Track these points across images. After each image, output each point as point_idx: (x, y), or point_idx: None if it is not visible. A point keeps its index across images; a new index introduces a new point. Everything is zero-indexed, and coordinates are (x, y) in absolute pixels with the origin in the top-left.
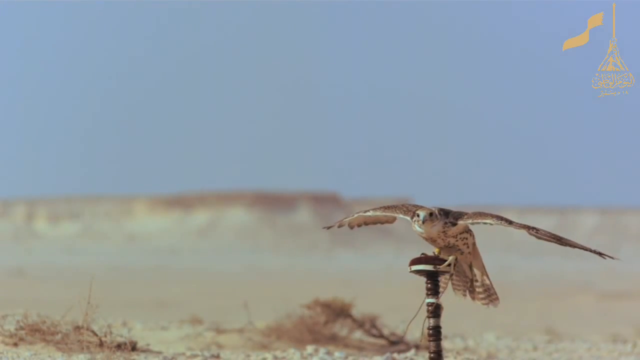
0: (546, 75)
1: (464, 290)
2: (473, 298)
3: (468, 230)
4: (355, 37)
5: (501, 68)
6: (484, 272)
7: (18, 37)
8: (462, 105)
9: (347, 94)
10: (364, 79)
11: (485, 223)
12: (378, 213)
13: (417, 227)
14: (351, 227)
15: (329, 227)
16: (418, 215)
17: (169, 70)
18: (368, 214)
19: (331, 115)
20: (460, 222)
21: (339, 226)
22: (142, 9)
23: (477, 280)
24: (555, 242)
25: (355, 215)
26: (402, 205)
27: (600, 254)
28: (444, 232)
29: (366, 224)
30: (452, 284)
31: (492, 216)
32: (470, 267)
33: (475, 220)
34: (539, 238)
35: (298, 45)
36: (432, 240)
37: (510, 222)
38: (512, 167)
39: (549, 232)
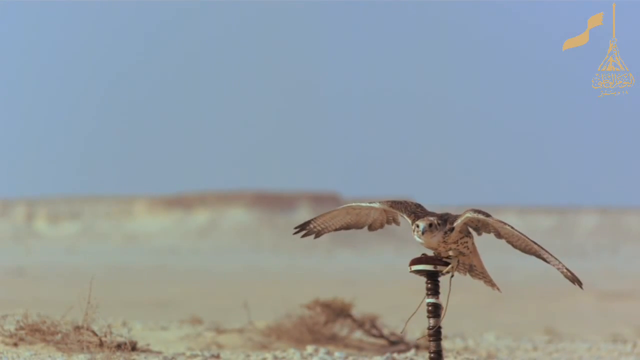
0: (546, 75)
1: (465, 272)
2: (474, 277)
3: (468, 234)
4: (355, 37)
5: (501, 68)
6: (482, 266)
7: (18, 37)
8: (462, 105)
9: (347, 94)
10: (364, 79)
11: (466, 217)
12: (385, 207)
13: (416, 237)
14: (317, 236)
15: (299, 230)
16: (418, 226)
17: (169, 70)
18: (375, 205)
19: (331, 115)
20: (455, 225)
21: (306, 233)
22: (142, 9)
23: (476, 268)
24: (526, 248)
25: (352, 204)
26: (407, 203)
27: (571, 279)
28: (444, 242)
29: (337, 228)
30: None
31: (473, 210)
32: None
33: (462, 219)
34: (512, 243)
35: (298, 45)
36: (433, 249)
37: (487, 215)
38: (512, 167)
39: (525, 235)
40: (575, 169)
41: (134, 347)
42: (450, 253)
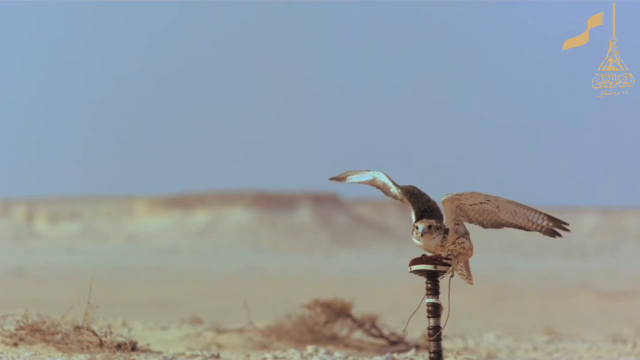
0: (546, 75)
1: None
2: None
3: (464, 235)
4: (355, 37)
5: (501, 68)
6: (467, 261)
7: (18, 37)
8: (462, 105)
9: (347, 94)
10: (364, 79)
11: (443, 201)
12: (405, 198)
13: (415, 240)
14: (342, 181)
15: (337, 179)
16: (417, 228)
17: (169, 70)
18: (394, 191)
19: (331, 115)
20: (446, 224)
21: (337, 179)
22: (142, 10)
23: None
24: (497, 222)
25: (378, 177)
26: (420, 198)
27: (551, 232)
28: (442, 246)
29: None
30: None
31: (445, 195)
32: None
33: (445, 212)
34: (483, 222)
35: (298, 45)
36: (431, 252)
37: (461, 194)
38: (512, 167)
39: (499, 198)
40: (575, 169)
41: (134, 347)
42: (448, 254)
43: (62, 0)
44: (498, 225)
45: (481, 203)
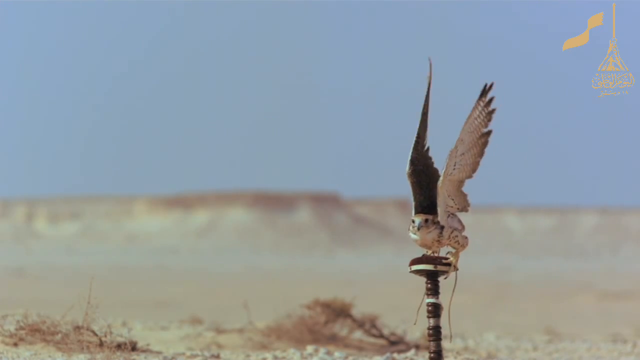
0: (546, 75)
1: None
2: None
3: (457, 229)
4: (355, 37)
5: (501, 68)
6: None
7: (18, 37)
8: (462, 105)
9: (347, 93)
10: (364, 79)
11: (438, 188)
12: (409, 181)
13: (411, 234)
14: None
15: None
16: (414, 222)
17: (169, 70)
18: (407, 165)
19: (331, 115)
20: (440, 218)
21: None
22: (142, 9)
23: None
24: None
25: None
26: (425, 189)
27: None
28: (438, 241)
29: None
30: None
31: (438, 183)
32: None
33: (439, 204)
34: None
35: (298, 45)
36: (427, 248)
37: (445, 169)
38: (512, 167)
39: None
40: (575, 169)
41: (134, 347)
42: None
43: (62, 0)
44: (475, 162)
45: (457, 151)
